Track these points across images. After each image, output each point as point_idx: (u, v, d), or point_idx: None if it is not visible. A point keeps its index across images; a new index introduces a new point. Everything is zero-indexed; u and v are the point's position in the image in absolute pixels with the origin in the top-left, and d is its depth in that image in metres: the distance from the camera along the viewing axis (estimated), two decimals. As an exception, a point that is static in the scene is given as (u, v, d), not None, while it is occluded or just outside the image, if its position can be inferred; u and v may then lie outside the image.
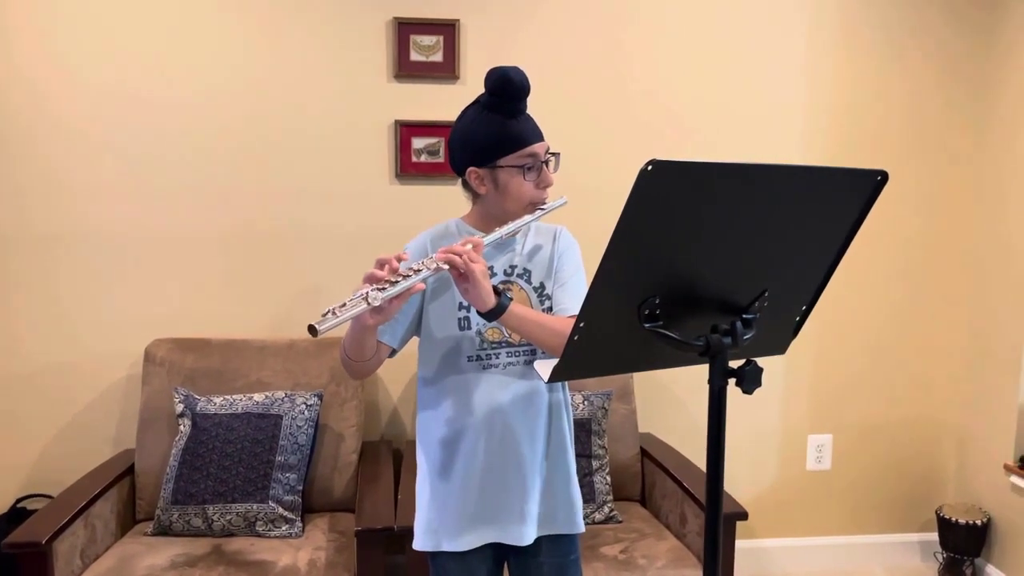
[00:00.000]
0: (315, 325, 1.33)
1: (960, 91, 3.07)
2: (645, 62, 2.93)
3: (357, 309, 1.37)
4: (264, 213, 2.81)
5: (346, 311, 1.36)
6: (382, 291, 1.39)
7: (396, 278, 1.42)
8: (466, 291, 1.50)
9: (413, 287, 1.44)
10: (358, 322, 1.46)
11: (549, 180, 1.64)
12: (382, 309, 1.41)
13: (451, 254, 1.47)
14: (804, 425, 3.18)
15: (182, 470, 2.44)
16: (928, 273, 3.16)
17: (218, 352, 2.70)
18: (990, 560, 3.05)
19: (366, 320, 1.43)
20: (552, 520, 1.72)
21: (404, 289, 1.42)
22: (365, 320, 1.43)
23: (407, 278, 1.43)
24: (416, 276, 1.44)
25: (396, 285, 1.41)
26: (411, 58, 2.80)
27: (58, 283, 2.74)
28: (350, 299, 1.39)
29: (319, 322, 1.33)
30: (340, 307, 1.37)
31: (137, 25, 2.69)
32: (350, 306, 1.37)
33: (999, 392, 2.99)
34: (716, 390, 1.21)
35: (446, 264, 1.47)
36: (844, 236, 1.26)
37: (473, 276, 1.46)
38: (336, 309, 1.36)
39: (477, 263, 1.47)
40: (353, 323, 1.48)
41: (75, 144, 2.70)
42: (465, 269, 1.46)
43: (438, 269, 1.47)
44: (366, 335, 1.54)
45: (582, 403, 2.66)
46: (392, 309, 1.44)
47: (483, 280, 1.48)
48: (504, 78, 1.57)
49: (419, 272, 1.45)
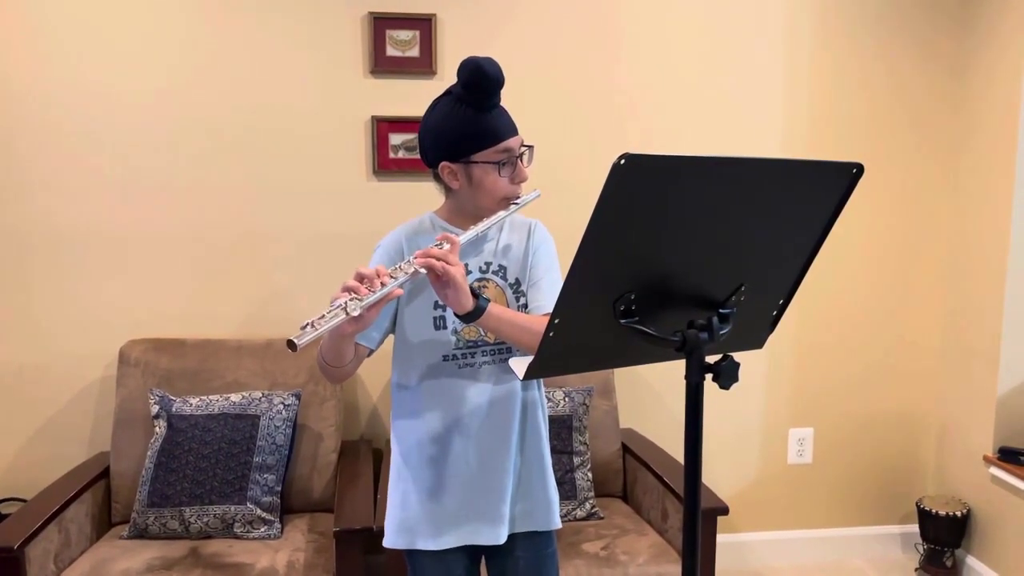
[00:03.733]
0: (294, 340, 1.31)
1: (938, 84, 3.08)
2: (622, 56, 2.92)
3: (336, 320, 1.35)
4: (240, 211, 2.78)
5: (325, 323, 1.34)
6: (360, 300, 1.38)
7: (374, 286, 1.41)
8: (444, 295, 1.48)
9: (391, 293, 1.42)
10: (336, 331, 1.44)
11: (524, 175, 1.62)
12: (361, 317, 1.40)
13: (429, 258, 1.45)
14: (785, 419, 3.19)
15: (158, 472, 2.41)
16: (907, 266, 3.17)
17: (194, 352, 2.66)
18: (970, 551, 3.07)
19: (344, 329, 1.41)
20: (528, 518, 1.71)
21: (382, 296, 1.40)
22: (344, 329, 1.41)
23: (384, 285, 1.41)
24: (394, 282, 1.42)
25: (374, 293, 1.40)
26: (387, 53, 2.77)
27: (30, 283, 2.70)
28: (328, 310, 1.37)
29: (298, 336, 1.31)
30: (319, 319, 1.35)
31: (106, 21, 2.64)
32: (329, 317, 1.35)
33: (978, 385, 3.01)
34: (693, 386, 1.20)
35: (424, 269, 1.45)
36: (821, 229, 1.26)
37: (453, 280, 1.44)
38: (315, 322, 1.34)
39: (456, 266, 1.45)
40: (331, 332, 1.46)
41: (47, 142, 2.66)
42: (443, 274, 1.44)
43: (415, 274, 1.45)
44: (344, 343, 1.52)
45: (563, 399, 2.65)
46: (370, 317, 1.42)
47: (462, 283, 1.46)
48: (478, 70, 1.53)
49: (396, 278, 1.43)
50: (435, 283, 1.48)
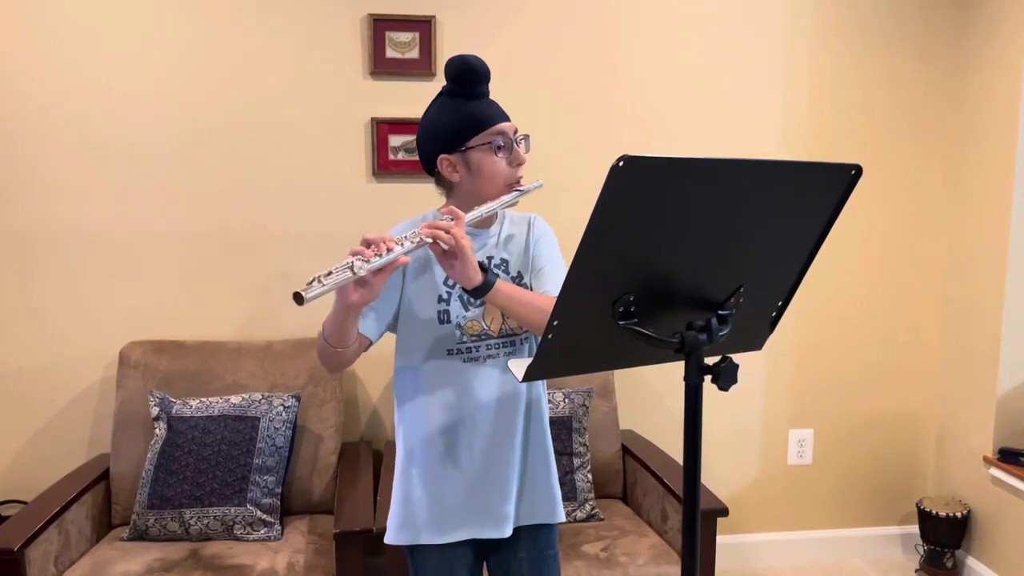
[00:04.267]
0: (301, 292, 1.31)
1: (937, 83, 3.08)
2: (622, 57, 2.92)
3: (342, 277, 1.35)
4: (240, 212, 2.78)
5: (332, 279, 1.35)
6: (367, 262, 1.38)
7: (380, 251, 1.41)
8: (451, 267, 1.47)
9: (397, 260, 1.42)
10: (342, 300, 1.43)
11: (522, 158, 1.63)
12: (366, 282, 1.40)
13: (437, 230, 1.45)
14: (785, 420, 3.19)
15: (158, 474, 2.41)
16: (906, 266, 3.17)
17: (193, 354, 2.66)
18: (970, 552, 3.06)
19: (350, 296, 1.41)
20: (532, 511, 1.71)
21: (389, 261, 1.40)
22: (349, 296, 1.41)
23: (391, 251, 1.41)
24: (400, 248, 1.42)
25: (381, 258, 1.40)
26: (387, 55, 2.77)
27: (30, 284, 2.70)
28: (335, 267, 1.37)
29: (305, 290, 1.32)
30: (326, 275, 1.35)
31: (108, 22, 2.65)
32: (336, 273, 1.35)
33: (978, 385, 3.01)
34: (692, 387, 1.20)
35: (430, 238, 1.45)
36: (820, 230, 1.26)
37: (461, 251, 1.44)
38: (322, 277, 1.34)
39: (464, 238, 1.45)
40: (337, 304, 1.46)
41: (47, 143, 2.66)
42: (452, 245, 1.44)
43: (422, 243, 1.45)
44: (349, 317, 1.50)
45: (563, 400, 2.65)
46: (377, 283, 1.42)
47: (470, 255, 1.46)
48: (463, 63, 1.59)
49: (403, 245, 1.43)
50: (441, 258, 1.47)
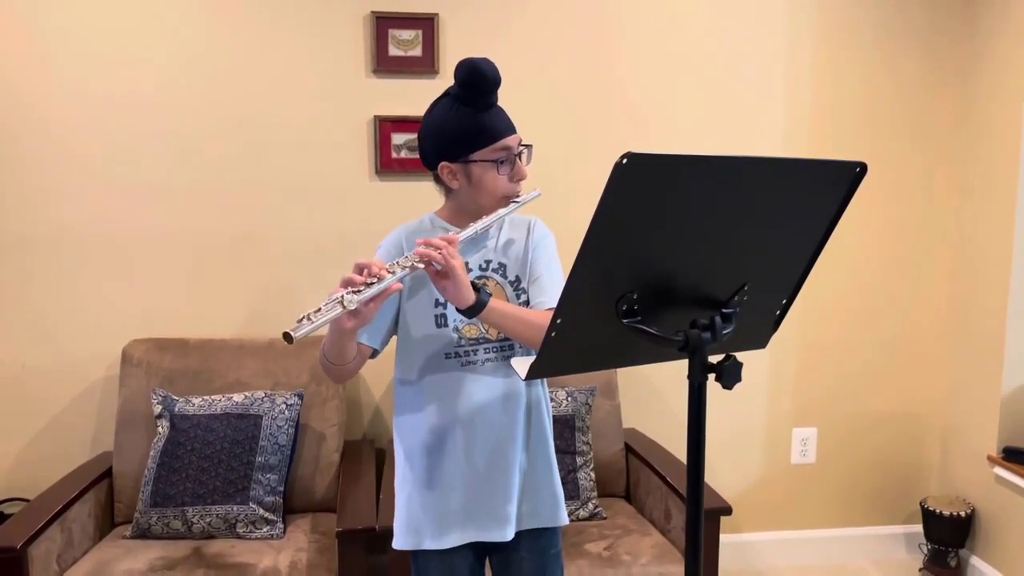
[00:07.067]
0: (290, 332, 1.30)
1: (941, 82, 3.07)
2: (624, 56, 2.91)
3: (332, 314, 1.34)
4: (242, 211, 2.78)
5: (321, 316, 1.33)
6: (358, 294, 1.37)
7: (372, 280, 1.40)
8: (444, 288, 1.47)
9: (390, 288, 1.41)
10: (337, 326, 1.43)
11: (523, 173, 1.62)
12: (359, 312, 1.39)
13: (428, 251, 1.44)
14: (789, 419, 3.18)
15: (161, 472, 2.41)
16: (910, 265, 3.16)
17: (196, 352, 2.66)
18: (974, 551, 3.06)
19: (344, 324, 1.41)
20: (535, 515, 1.70)
21: (380, 291, 1.39)
22: (343, 324, 1.40)
23: (383, 279, 1.40)
24: (392, 276, 1.41)
25: (372, 287, 1.38)
26: (390, 53, 2.77)
27: (33, 284, 2.70)
28: (325, 303, 1.36)
29: (294, 329, 1.30)
30: (315, 312, 1.34)
31: (107, 24, 2.65)
32: (325, 311, 1.34)
33: (982, 384, 3.00)
34: (696, 385, 1.19)
35: (422, 263, 1.44)
36: (824, 228, 1.25)
37: (453, 273, 1.44)
38: (311, 315, 1.33)
39: (455, 259, 1.45)
40: (332, 328, 1.46)
41: (48, 144, 2.66)
42: (444, 266, 1.44)
43: (414, 268, 1.44)
44: (345, 339, 1.51)
45: (566, 399, 2.64)
46: (370, 312, 1.41)
47: (462, 276, 1.46)
48: (476, 70, 1.54)
49: (395, 272, 1.42)
50: (434, 278, 1.47)
